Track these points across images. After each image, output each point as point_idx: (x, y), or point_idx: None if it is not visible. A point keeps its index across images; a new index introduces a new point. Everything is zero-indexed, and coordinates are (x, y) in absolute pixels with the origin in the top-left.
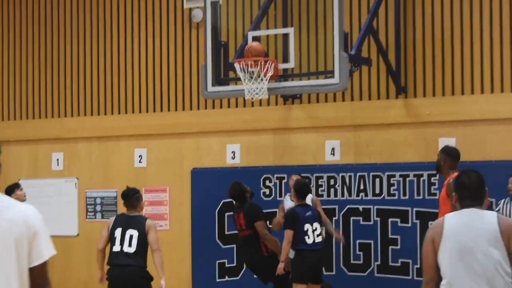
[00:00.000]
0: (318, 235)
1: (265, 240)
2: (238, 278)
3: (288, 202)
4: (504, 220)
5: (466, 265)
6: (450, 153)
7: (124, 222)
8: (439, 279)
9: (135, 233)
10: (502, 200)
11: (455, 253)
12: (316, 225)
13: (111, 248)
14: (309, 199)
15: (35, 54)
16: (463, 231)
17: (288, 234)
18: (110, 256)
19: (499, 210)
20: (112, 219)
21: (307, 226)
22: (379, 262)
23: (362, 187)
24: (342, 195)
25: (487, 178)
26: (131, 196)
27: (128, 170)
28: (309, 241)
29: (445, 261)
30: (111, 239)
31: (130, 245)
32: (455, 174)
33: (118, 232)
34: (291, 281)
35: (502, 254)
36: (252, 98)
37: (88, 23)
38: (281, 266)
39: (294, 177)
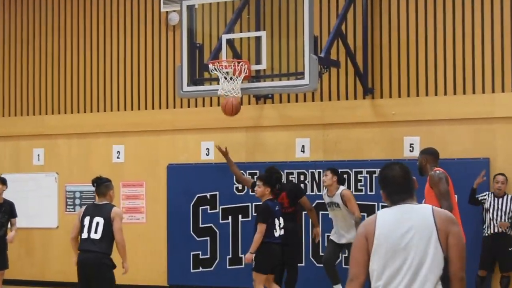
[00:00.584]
0: (281, 229)
1: (311, 211)
2: (211, 269)
3: (326, 197)
4: (439, 215)
5: (400, 266)
6: (430, 152)
7: (92, 210)
8: (366, 278)
9: (101, 220)
10: (486, 193)
11: (388, 254)
12: (281, 219)
13: (80, 235)
14: (338, 194)
15: (17, 54)
16: (395, 229)
17: (262, 228)
18: (80, 243)
19: (484, 202)
20: (83, 208)
21: (276, 220)
22: (346, 254)
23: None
24: (312, 190)
25: (449, 175)
26: (101, 184)
27: (106, 165)
28: (276, 234)
29: (379, 262)
30: (81, 227)
31: (96, 232)
32: (437, 169)
33: (86, 220)
34: (255, 270)
35: (438, 254)
36: (225, 95)
37: (69, 24)
38: (249, 256)
39: (328, 173)
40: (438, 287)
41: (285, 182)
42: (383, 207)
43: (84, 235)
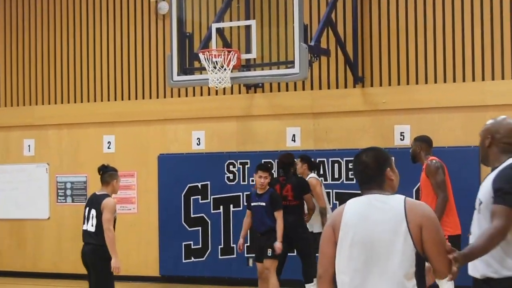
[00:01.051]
0: None
1: (310, 210)
2: (203, 259)
3: None
4: (412, 207)
5: (366, 260)
6: (424, 140)
7: (91, 201)
8: (334, 271)
9: (94, 212)
10: None
11: (353, 246)
12: None
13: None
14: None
15: (6, 45)
16: (363, 221)
17: (282, 214)
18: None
19: None
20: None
21: None
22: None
23: (321, 171)
24: None
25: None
26: (105, 172)
27: (97, 156)
28: None
29: (343, 253)
30: (83, 218)
31: (92, 224)
32: (432, 157)
33: (86, 211)
34: (273, 258)
35: (408, 249)
36: (216, 86)
37: (58, 15)
38: (280, 245)
39: (298, 161)
40: (409, 284)
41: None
42: None
43: (84, 226)
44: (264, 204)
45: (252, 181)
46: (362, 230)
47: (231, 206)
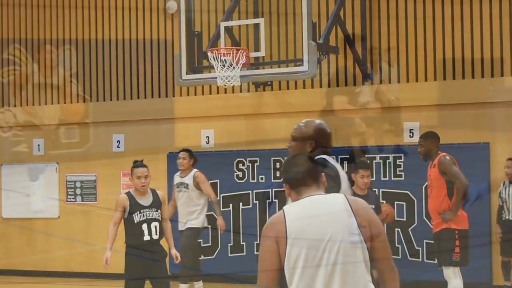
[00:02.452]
0: None
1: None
2: (213, 257)
3: (177, 178)
4: (355, 204)
5: (324, 267)
6: (436, 137)
7: None
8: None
9: None
10: (502, 183)
11: (305, 252)
12: None
13: None
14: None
15: (16, 45)
16: (311, 224)
17: None
18: None
19: (500, 192)
20: None
21: None
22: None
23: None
24: None
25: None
26: None
27: (106, 155)
28: None
29: (297, 263)
30: None
31: None
32: (443, 153)
33: None
34: None
35: (363, 248)
36: (225, 85)
37: (67, 14)
38: None
39: (186, 156)
40: (369, 277)
41: None
42: (383, 193)
43: None
44: (373, 206)
45: (261, 178)
46: (314, 234)
47: (241, 204)
